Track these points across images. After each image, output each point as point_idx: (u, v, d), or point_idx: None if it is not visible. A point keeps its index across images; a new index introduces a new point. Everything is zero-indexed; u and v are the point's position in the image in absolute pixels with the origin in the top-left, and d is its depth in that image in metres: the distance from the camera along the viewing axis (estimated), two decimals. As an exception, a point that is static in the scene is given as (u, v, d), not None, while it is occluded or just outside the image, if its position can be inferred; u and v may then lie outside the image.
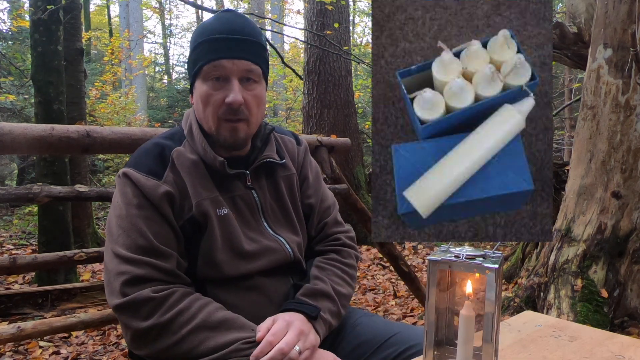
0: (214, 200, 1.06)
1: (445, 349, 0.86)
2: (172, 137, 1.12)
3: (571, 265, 2.76)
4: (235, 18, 1.07)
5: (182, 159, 1.07)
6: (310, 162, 1.28)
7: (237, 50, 1.03)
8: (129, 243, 0.98)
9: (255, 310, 1.05)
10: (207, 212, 1.04)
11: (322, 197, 1.26)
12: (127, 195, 1.02)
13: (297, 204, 1.20)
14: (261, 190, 1.14)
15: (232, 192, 1.10)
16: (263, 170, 1.15)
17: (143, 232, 0.99)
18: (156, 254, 0.98)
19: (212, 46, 1.02)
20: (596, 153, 2.85)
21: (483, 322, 0.77)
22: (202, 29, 1.06)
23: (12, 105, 7.30)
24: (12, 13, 8.74)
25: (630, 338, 1.02)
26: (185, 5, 18.21)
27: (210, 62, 1.02)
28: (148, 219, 1.00)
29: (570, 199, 2.94)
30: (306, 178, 1.25)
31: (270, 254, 1.09)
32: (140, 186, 1.01)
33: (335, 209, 1.28)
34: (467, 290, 0.80)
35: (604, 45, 2.89)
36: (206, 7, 7.58)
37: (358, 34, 16.77)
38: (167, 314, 0.93)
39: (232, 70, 1.03)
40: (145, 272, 0.96)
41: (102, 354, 2.86)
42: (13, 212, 7.46)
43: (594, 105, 2.91)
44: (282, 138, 1.26)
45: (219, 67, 1.02)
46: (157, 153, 1.07)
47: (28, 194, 1.57)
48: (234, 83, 1.03)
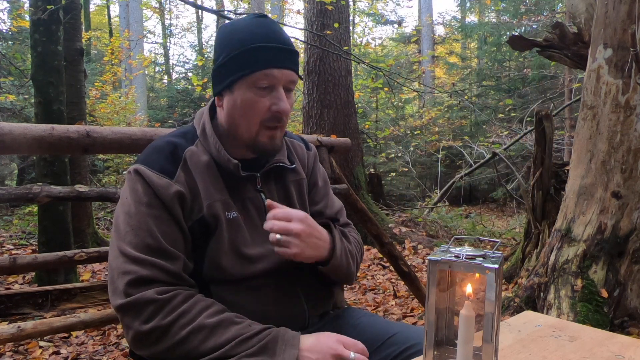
0: (224, 203, 1.06)
1: (445, 349, 0.86)
2: (185, 136, 1.11)
3: (571, 265, 2.76)
4: (275, 26, 1.06)
5: (195, 159, 1.07)
6: (319, 168, 1.30)
7: (286, 60, 1.04)
8: (136, 242, 0.97)
9: (259, 308, 1.06)
10: (217, 215, 1.04)
11: (330, 202, 1.28)
12: (138, 192, 1.01)
13: (306, 208, 1.20)
14: (270, 194, 1.14)
15: (243, 194, 1.10)
16: (273, 174, 1.16)
17: (152, 232, 0.98)
18: (163, 254, 0.98)
19: (263, 55, 1.01)
20: (596, 153, 2.85)
21: (483, 322, 0.77)
22: (244, 34, 1.03)
23: (12, 105, 7.29)
24: (12, 13, 8.74)
25: (630, 338, 1.02)
26: (185, 5, 18.20)
27: (261, 70, 1.01)
28: (157, 219, 0.99)
29: (570, 199, 2.94)
30: (315, 184, 1.26)
31: (276, 257, 1.08)
32: (152, 184, 1.00)
33: (343, 213, 1.30)
34: (467, 290, 0.80)
35: (604, 45, 2.89)
36: (206, 7, 7.57)
37: (358, 34, 16.78)
38: (169, 317, 0.93)
39: (280, 79, 1.03)
40: (151, 272, 0.96)
41: (102, 354, 2.86)
42: (13, 212, 7.45)
43: (594, 105, 2.91)
44: (292, 142, 1.26)
45: (270, 76, 1.02)
46: (169, 151, 1.06)
47: (28, 194, 1.57)
48: (281, 92, 1.04)
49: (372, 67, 6.01)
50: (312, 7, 6.46)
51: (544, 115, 3.83)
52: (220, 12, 5.00)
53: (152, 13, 17.27)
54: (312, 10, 6.46)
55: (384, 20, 17.48)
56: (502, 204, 11.12)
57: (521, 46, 4.05)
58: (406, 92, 11.95)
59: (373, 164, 11.15)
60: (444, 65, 15.36)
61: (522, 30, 11.24)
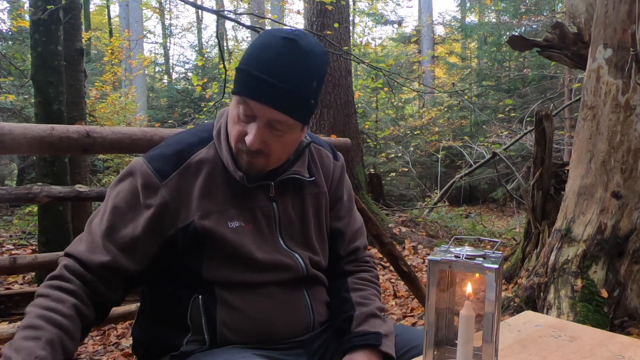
0: (223, 214, 1.03)
1: (445, 349, 0.86)
2: (201, 136, 1.08)
3: (571, 265, 2.76)
4: (293, 56, 0.95)
5: (201, 164, 1.04)
6: (345, 181, 1.23)
7: (273, 98, 0.95)
8: (95, 224, 1.02)
9: (266, 317, 1.04)
10: (211, 225, 1.01)
11: (353, 219, 1.23)
12: (124, 182, 1.03)
13: (322, 223, 1.15)
14: (283, 204, 1.10)
15: (253, 202, 1.06)
16: (291, 184, 1.11)
17: (108, 221, 1.01)
18: (102, 246, 0.99)
19: (250, 82, 0.95)
20: (596, 153, 2.85)
21: (483, 322, 0.77)
22: (257, 52, 0.97)
23: (12, 105, 7.29)
24: (12, 13, 8.74)
25: (630, 338, 1.02)
26: (185, 5, 18.20)
27: (241, 96, 0.97)
28: (123, 215, 1.01)
29: (570, 199, 2.94)
30: (340, 199, 1.20)
31: (283, 268, 1.06)
32: (139, 181, 1.01)
33: (363, 232, 1.25)
34: (467, 290, 0.80)
35: (604, 45, 2.89)
36: (206, 7, 7.57)
37: (358, 34, 16.78)
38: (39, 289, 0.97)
39: (259, 112, 0.96)
40: (75, 253, 0.99)
41: (102, 354, 2.86)
42: (13, 212, 7.45)
43: (594, 105, 2.91)
44: (319, 151, 1.19)
45: (248, 106, 0.97)
46: (175, 151, 1.04)
47: (28, 194, 1.57)
48: (257, 126, 0.97)
49: (372, 67, 6.00)
50: (312, 7, 6.46)
51: (544, 115, 3.83)
52: (220, 12, 5.00)
53: (152, 13, 17.28)
54: (312, 10, 6.46)
55: (384, 20, 17.48)
56: (502, 204, 11.12)
57: (521, 46, 4.06)
58: (406, 92, 11.95)
59: (373, 164, 11.15)
60: (444, 65, 15.36)
61: (522, 30, 11.24)
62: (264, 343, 1.03)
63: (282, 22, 12.68)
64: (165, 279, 1.06)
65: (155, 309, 1.09)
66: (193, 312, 1.02)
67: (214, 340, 1.01)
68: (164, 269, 1.05)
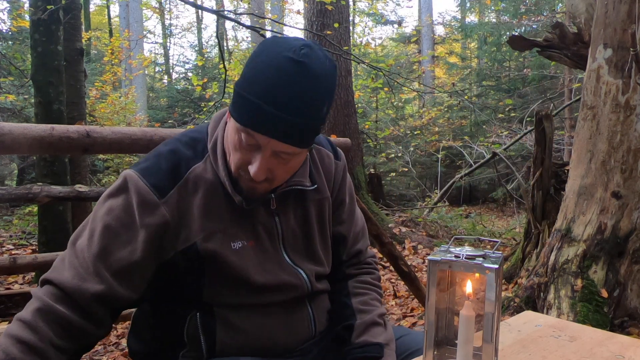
0: (226, 233, 0.96)
1: (445, 349, 0.86)
2: (195, 147, 0.99)
3: (571, 265, 2.76)
4: (302, 84, 0.85)
5: (200, 180, 0.96)
6: (347, 182, 1.18)
7: (278, 131, 0.86)
8: (82, 245, 0.90)
9: (267, 334, 1.00)
10: (215, 247, 0.95)
11: (355, 221, 1.18)
12: (117, 199, 0.92)
13: (325, 230, 1.11)
14: (285, 216, 1.04)
15: (254, 218, 1.00)
16: (292, 194, 1.04)
17: (99, 245, 0.90)
18: (87, 271, 0.88)
19: (252, 111, 0.86)
20: (596, 153, 2.85)
21: (483, 322, 0.77)
22: (260, 73, 0.86)
23: (12, 105, 7.29)
24: (12, 13, 8.74)
25: (630, 338, 1.02)
26: (185, 5, 18.20)
27: (245, 127, 0.87)
28: (117, 236, 0.90)
29: (570, 199, 2.94)
30: (342, 202, 1.15)
31: (288, 289, 1.02)
32: (136, 200, 0.91)
33: (365, 233, 1.22)
34: (467, 290, 0.80)
35: (604, 45, 2.89)
36: (206, 7, 7.57)
37: (358, 34, 16.77)
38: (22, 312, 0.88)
39: (264, 143, 0.88)
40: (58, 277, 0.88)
41: (102, 354, 2.85)
42: (13, 212, 7.46)
43: (594, 105, 2.91)
44: (319, 152, 1.12)
45: (253, 137, 0.88)
46: (171, 165, 0.95)
47: (28, 194, 1.57)
48: (261, 157, 0.89)
49: (372, 67, 6.00)
50: (312, 7, 6.46)
51: (544, 115, 3.83)
52: (220, 12, 5.00)
53: (152, 13, 17.28)
54: (312, 10, 6.46)
55: (384, 20, 17.48)
56: (502, 204, 11.12)
57: (521, 46, 4.06)
58: (406, 92, 11.95)
59: (373, 164, 11.15)
60: (444, 65, 15.36)
61: (522, 30, 11.24)
62: (263, 355, 1.01)
63: (282, 22, 12.69)
64: (161, 298, 1.02)
65: (149, 322, 1.05)
66: (190, 329, 0.98)
67: (211, 355, 0.98)
68: (161, 289, 1.00)
